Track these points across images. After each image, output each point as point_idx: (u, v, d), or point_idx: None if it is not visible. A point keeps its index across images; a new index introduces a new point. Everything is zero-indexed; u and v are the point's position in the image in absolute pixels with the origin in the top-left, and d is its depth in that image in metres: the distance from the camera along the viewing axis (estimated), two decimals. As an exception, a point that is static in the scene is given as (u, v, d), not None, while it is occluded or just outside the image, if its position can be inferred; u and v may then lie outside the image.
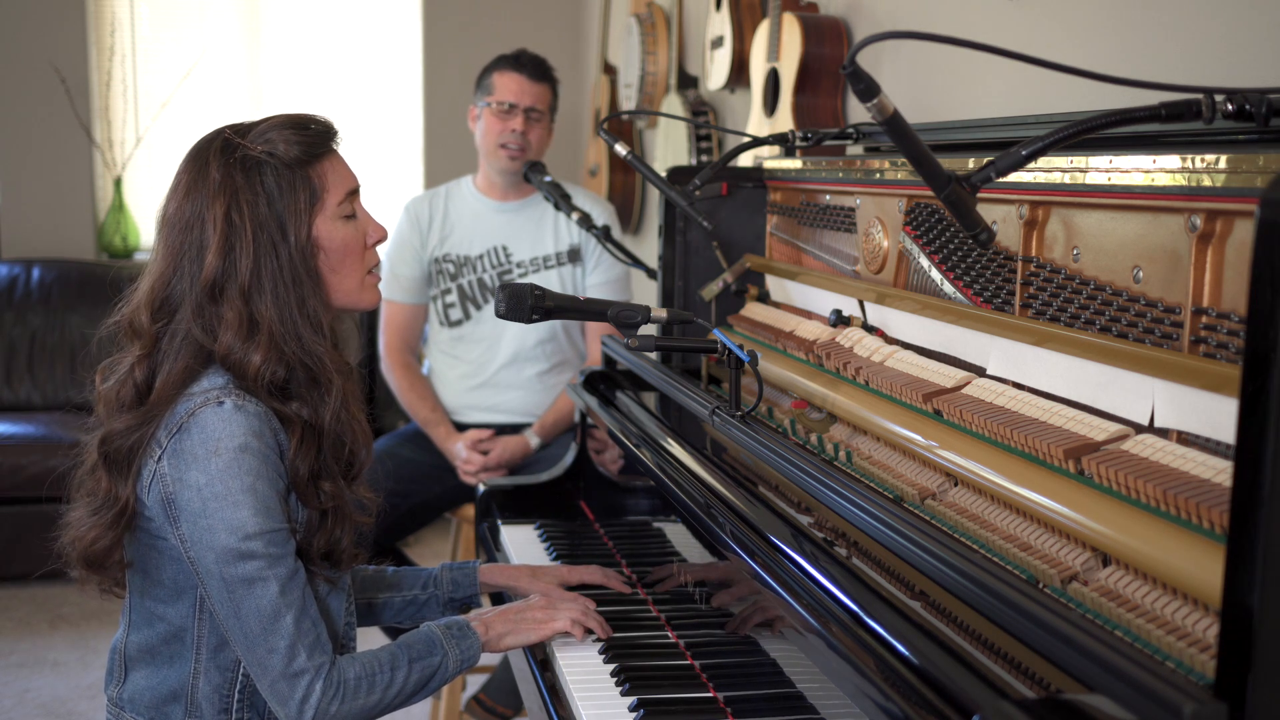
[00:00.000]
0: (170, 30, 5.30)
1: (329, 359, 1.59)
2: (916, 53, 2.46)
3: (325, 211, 1.59)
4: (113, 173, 5.23)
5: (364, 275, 1.65)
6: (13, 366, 4.81)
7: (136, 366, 1.57)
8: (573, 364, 3.20)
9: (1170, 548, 1.03)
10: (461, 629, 1.66)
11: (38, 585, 4.27)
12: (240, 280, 1.53)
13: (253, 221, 1.54)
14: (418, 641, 1.62)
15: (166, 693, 1.60)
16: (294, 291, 1.56)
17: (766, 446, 1.59)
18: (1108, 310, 1.30)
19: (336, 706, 1.52)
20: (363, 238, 1.64)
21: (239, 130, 1.60)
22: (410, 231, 3.15)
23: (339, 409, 1.59)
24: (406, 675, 1.58)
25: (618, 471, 2.18)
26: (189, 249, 1.55)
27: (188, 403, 1.52)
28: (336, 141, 1.64)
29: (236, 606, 1.49)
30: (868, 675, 1.09)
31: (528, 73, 3.05)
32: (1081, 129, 1.13)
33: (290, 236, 1.56)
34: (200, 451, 1.49)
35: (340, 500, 1.61)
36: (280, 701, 1.51)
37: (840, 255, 1.99)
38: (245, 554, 1.48)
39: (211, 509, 1.48)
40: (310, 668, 1.50)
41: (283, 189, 1.56)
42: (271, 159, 1.56)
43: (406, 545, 3.62)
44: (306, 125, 1.61)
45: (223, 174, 1.54)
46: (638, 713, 1.50)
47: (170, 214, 1.58)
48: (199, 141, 1.61)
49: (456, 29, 5.40)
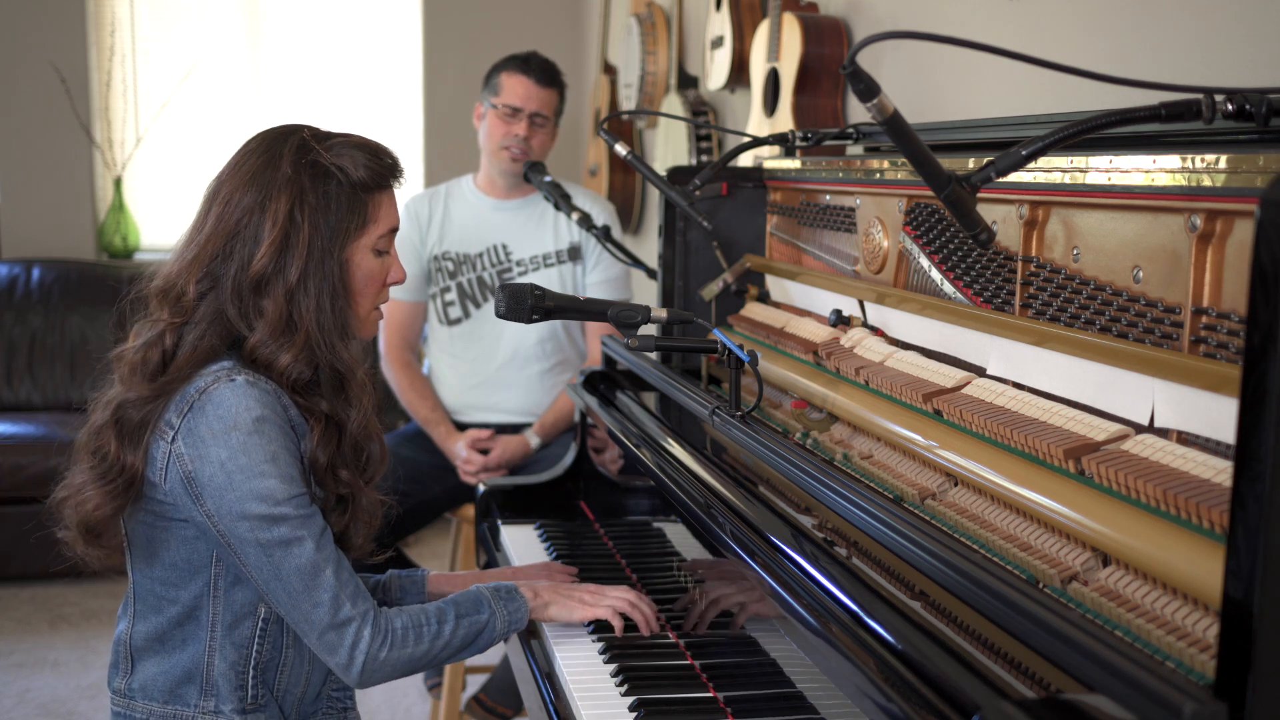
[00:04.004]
0: (170, 30, 5.30)
1: (359, 370, 1.64)
2: (916, 53, 2.46)
3: (365, 240, 1.63)
4: (113, 173, 5.23)
5: (371, 309, 1.69)
6: (13, 366, 4.81)
7: (168, 333, 1.59)
8: (573, 363, 3.20)
9: (1170, 548, 1.03)
10: (510, 592, 1.69)
11: (38, 585, 4.27)
12: (288, 279, 1.57)
13: (311, 226, 1.58)
14: (465, 600, 1.66)
15: (180, 675, 1.61)
16: (333, 302, 1.60)
17: (766, 446, 1.59)
18: (1108, 310, 1.30)
19: (386, 652, 1.56)
20: (385, 275, 1.68)
21: (317, 136, 1.63)
22: (410, 229, 3.15)
23: (363, 418, 1.64)
24: (454, 629, 1.62)
25: (618, 471, 2.18)
26: (245, 233, 1.58)
27: (198, 382, 1.54)
28: (399, 181, 1.69)
29: (277, 568, 1.52)
30: (868, 675, 1.09)
31: (536, 77, 3.04)
32: (1081, 129, 1.13)
33: (336, 251, 1.60)
34: (218, 427, 1.52)
35: (355, 489, 1.64)
36: (330, 651, 1.55)
37: (840, 255, 1.99)
38: (278, 518, 1.52)
39: (238, 481, 1.51)
40: (356, 615, 1.55)
41: (341, 205, 1.60)
42: (341, 174, 1.60)
43: (406, 545, 3.62)
44: (380, 155, 1.66)
45: (293, 171, 1.58)
46: (638, 713, 1.50)
47: (227, 193, 1.60)
48: (273, 130, 1.64)
49: (456, 29, 5.40)
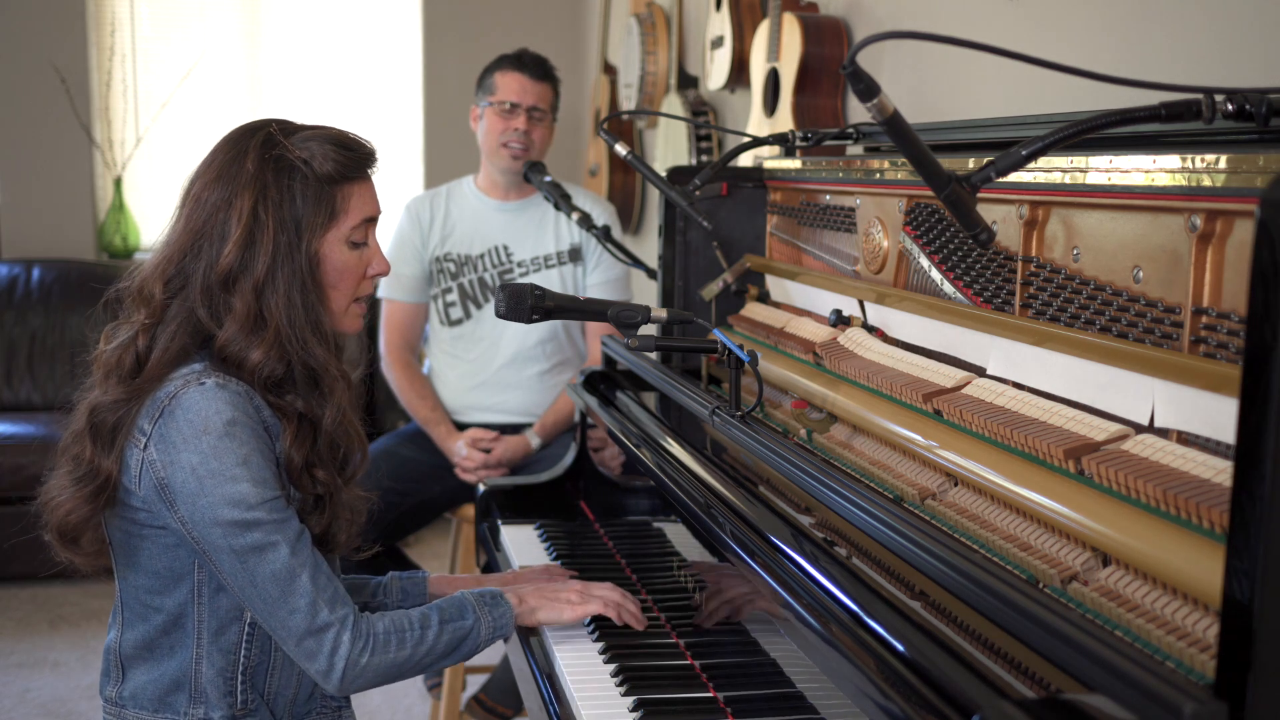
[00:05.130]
0: (170, 30, 5.30)
1: (332, 365, 1.61)
2: (916, 53, 2.46)
3: (336, 233, 1.62)
4: (113, 173, 5.23)
5: (350, 303, 1.66)
6: (13, 366, 4.81)
7: (140, 334, 1.58)
8: (573, 363, 3.20)
9: (1170, 548, 1.03)
10: (494, 598, 1.67)
11: (38, 585, 4.27)
12: (255, 275, 1.56)
13: (275, 221, 1.57)
14: (449, 605, 1.64)
15: (169, 683, 1.60)
16: (303, 296, 1.58)
17: (766, 446, 1.59)
18: (1108, 310, 1.30)
19: (367, 658, 1.53)
20: (363, 267, 1.66)
21: (285, 129, 1.62)
22: (411, 231, 3.15)
23: (338, 414, 1.61)
24: (437, 635, 1.59)
25: (617, 470, 2.18)
26: (211, 231, 1.57)
27: (168, 387, 1.53)
28: (373, 168, 1.67)
29: (251, 575, 1.50)
30: (868, 675, 1.09)
31: (529, 72, 3.05)
32: (1081, 129, 1.13)
33: (303, 245, 1.59)
34: (189, 431, 1.50)
35: (334, 488, 1.62)
36: (309, 658, 1.52)
37: (840, 255, 1.99)
38: (251, 523, 1.49)
39: (209, 487, 1.49)
40: (334, 620, 1.52)
41: (307, 199, 1.59)
42: (305, 167, 1.59)
43: (406, 545, 3.61)
44: (348, 146, 1.63)
45: (257, 167, 1.57)
46: (638, 713, 1.50)
47: (197, 191, 1.60)
48: (242, 127, 1.63)
49: (456, 29, 5.40)
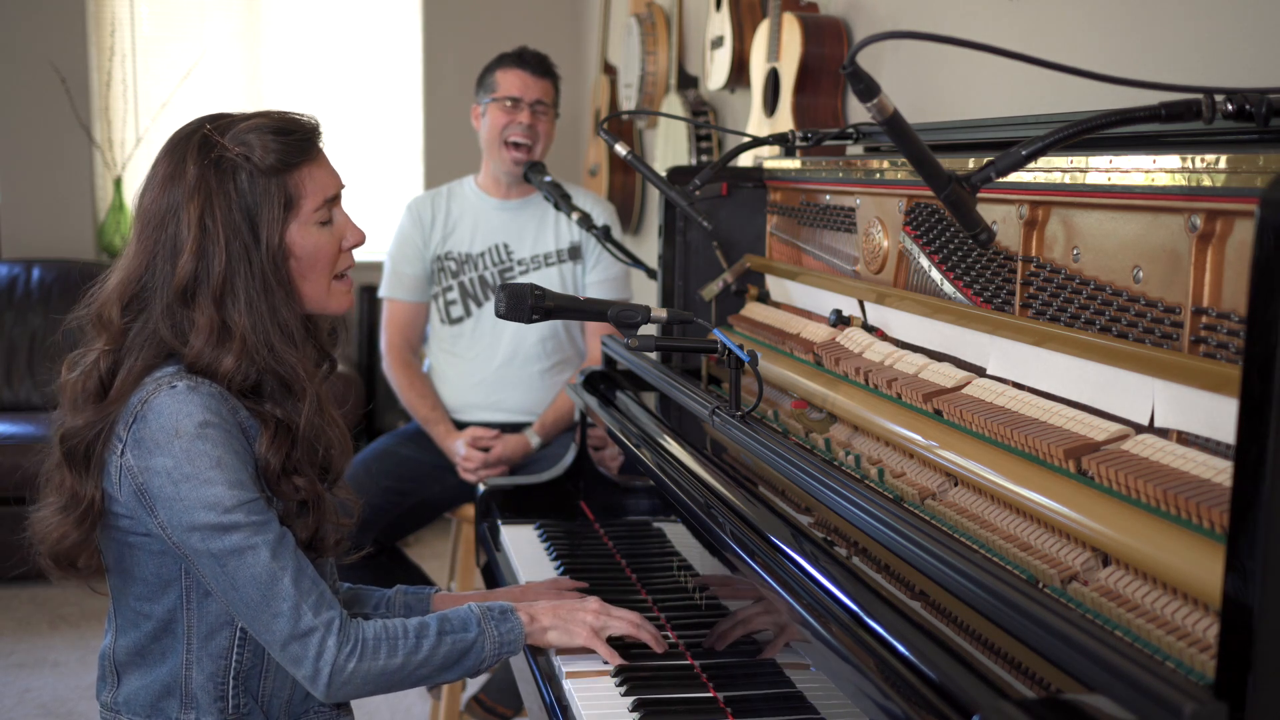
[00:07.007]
0: (170, 30, 5.30)
1: (300, 367, 1.57)
2: (916, 53, 2.46)
3: (299, 219, 1.56)
4: (113, 173, 5.23)
5: (330, 281, 1.62)
6: (13, 366, 4.81)
7: (101, 359, 1.55)
8: (573, 362, 3.20)
9: (1170, 548, 1.03)
10: (503, 613, 1.60)
11: (38, 585, 4.27)
12: (213, 285, 1.51)
13: (226, 226, 1.51)
14: (453, 616, 1.58)
15: (160, 689, 1.59)
16: (266, 299, 1.54)
17: (766, 446, 1.59)
18: (1108, 310, 1.30)
19: (354, 663, 1.49)
20: (337, 242, 1.61)
21: (219, 126, 1.55)
22: (413, 230, 3.16)
23: (312, 415, 1.57)
24: (434, 646, 1.54)
25: (617, 469, 2.18)
26: (163, 247, 1.53)
27: (140, 392, 1.51)
28: (319, 145, 1.61)
29: (232, 579, 1.47)
30: (868, 675, 1.09)
31: (530, 69, 3.05)
32: (1081, 129, 1.13)
33: (262, 242, 1.53)
34: (161, 436, 1.47)
35: (315, 493, 1.58)
36: (295, 663, 1.49)
37: (840, 255, 1.99)
38: (228, 526, 1.46)
39: (184, 490, 1.46)
40: (319, 624, 1.48)
41: (257, 195, 1.53)
42: (247, 163, 1.53)
43: (406, 545, 3.61)
44: (288, 130, 1.57)
45: (198, 173, 1.52)
46: (638, 713, 1.50)
47: (146, 206, 1.56)
48: (178, 132, 1.58)
49: (456, 29, 5.40)
